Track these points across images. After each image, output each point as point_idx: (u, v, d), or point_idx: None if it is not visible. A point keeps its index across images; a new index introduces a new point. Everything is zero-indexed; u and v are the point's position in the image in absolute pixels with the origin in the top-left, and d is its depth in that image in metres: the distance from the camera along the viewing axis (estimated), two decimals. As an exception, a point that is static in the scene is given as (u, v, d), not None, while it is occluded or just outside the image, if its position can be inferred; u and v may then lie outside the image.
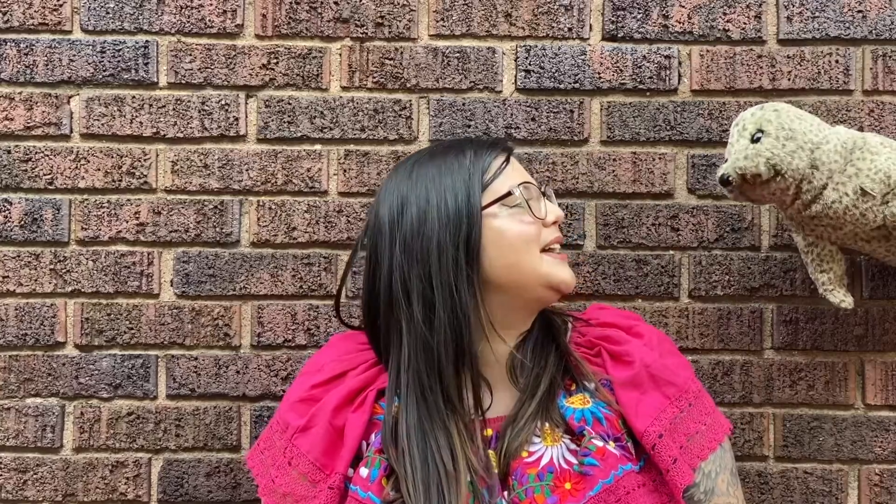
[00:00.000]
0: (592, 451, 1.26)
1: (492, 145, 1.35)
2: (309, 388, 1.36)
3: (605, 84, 1.65)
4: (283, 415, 1.37)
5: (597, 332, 1.38)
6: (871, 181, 1.40)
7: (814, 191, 1.41)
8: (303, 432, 1.32)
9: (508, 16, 1.65)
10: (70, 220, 1.65)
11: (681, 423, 1.30)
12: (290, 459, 1.32)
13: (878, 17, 1.63)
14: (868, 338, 1.62)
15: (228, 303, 1.65)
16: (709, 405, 1.36)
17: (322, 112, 1.65)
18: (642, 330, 1.37)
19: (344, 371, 1.37)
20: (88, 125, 1.65)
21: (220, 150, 1.65)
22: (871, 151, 1.41)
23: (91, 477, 1.64)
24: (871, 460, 1.62)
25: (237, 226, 1.65)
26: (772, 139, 1.38)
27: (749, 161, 1.37)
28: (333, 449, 1.31)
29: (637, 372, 1.31)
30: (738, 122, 1.44)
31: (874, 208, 1.41)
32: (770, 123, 1.39)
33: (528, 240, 1.31)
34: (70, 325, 1.65)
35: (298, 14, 1.66)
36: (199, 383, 1.64)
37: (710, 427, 1.33)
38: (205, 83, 1.66)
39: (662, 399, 1.30)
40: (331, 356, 1.40)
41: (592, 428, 1.28)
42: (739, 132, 1.41)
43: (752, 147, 1.38)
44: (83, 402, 1.64)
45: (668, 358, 1.35)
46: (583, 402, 1.32)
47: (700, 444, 1.31)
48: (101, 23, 1.66)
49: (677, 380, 1.32)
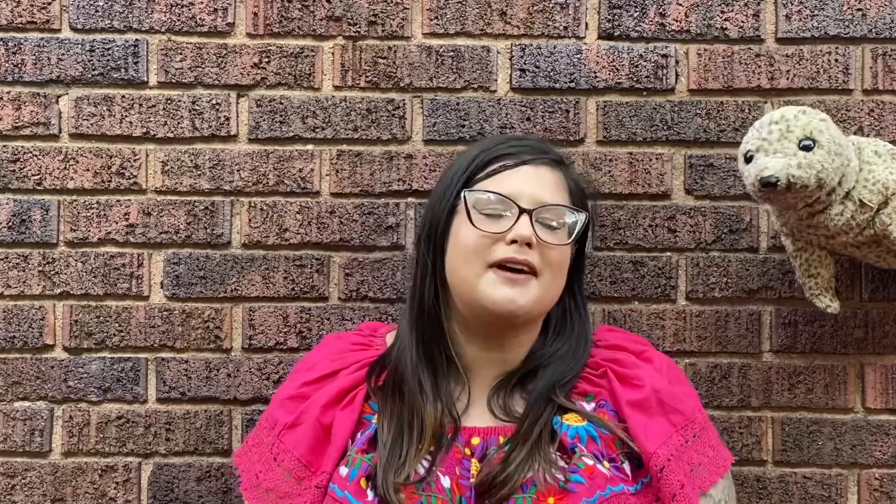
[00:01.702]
0: (581, 469, 1.25)
1: (517, 148, 1.35)
2: (299, 386, 1.37)
3: (601, 83, 1.64)
4: (272, 412, 1.38)
5: (605, 355, 1.38)
6: (869, 192, 1.39)
7: (826, 203, 1.38)
8: (290, 429, 1.33)
9: (503, 14, 1.64)
10: (59, 221, 1.64)
11: (685, 452, 1.30)
12: (276, 455, 1.33)
13: (879, 15, 1.62)
14: (868, 340, 1.61)
15: (219, 305, 1.64)
16: (713, 438, 1.37)
17: (314, 112, 1.64)
18: (652, 356, 1.37)
19: (335, 370, 1.37)
20: (77, 125, 1.64)
21: (210, 151, 1.65)
22: (867, 162, 1.41)
23: (80, 482, 1.62)
24: (871, 465, 1.61)
25: (228, 227, 1.64)
26: (824, 152, 1.33)
27: (803, 171, 1.32)
28: (320, 447, 1.31)
29: (647, 396, 1.30)
30: (776, 121, 1.35)
31: (868, 218, 1.40)
32: (822, 134, 1.34)
33: (474, 251, 1.29)
34: (59, 328, 1.63)
35: (290, 12, 1.65)
36: (190, 386, 1.63)
37: (712, 460, 1.33)
38: (195, 82, 1.65)
39: (669, 426, 1.30)
40: (323, 355, 1.41)
41: (585, 446, 1.28)
42: (782, 132, 1.34)
43: (804, 156, 1.32)
44: (72, 406, 1.63)
45: (677, 385, 1.35)
46: (578, 419, 1.31)
47: (702, 476, 1.31)
48: (89, 21, 1.65)
49: (685, 409, 1.32)
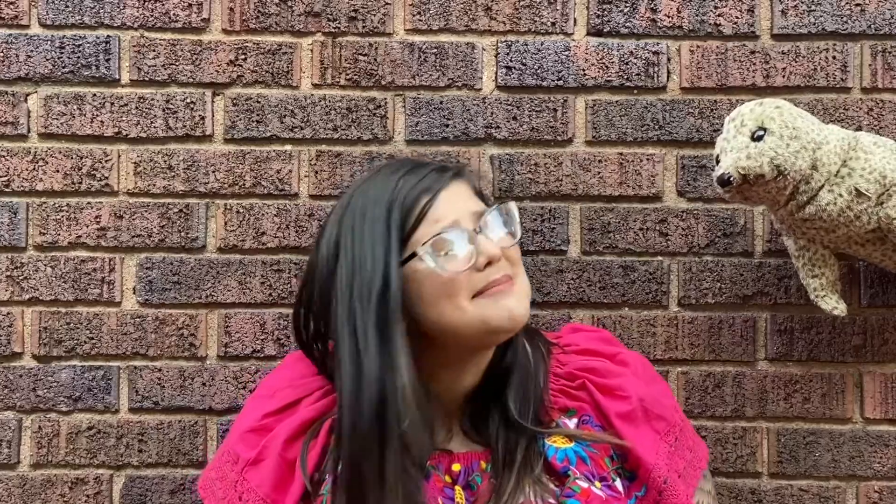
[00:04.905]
0: (577, 493, 1.23)
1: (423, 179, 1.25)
2: (261, 418, 1.33)
3: (590, 81, 1.62)
4: (233, 445, 1.34)
5: (578, 363, 1.35)
6: (866, 181, 1.39)
7: (810, 192, 1.39)
8: (254, 465, 1.30)
9: (488, 9, 1.63)
10: (27, 224, 1.62)
11: (671, 459, 1.30)
12: (241, 494, 1.30)
13: (878, 10, 1.61)
14: (867, 348, 1.60)
15: (194, 311, 1.62)
16: (690, 434, 1.37)
17: (292, 111, 1.63)
18: (626, 357, 1.36)
19: (298, 398, 1.33)
20: (47, 124, 1.63)
21: (185, 151, 1.63)
22: (864, 151, 1.41)
23: (50, 494, 1.61)
24: (870, 477, 1.59)
25: (203, 230, 1.62)
26: (775, 138, 1.34)
27: (752, 161, 1.34)
28: (284, 484, 1.28)
29: (634, 407, 1.30)
30: (734, 118, 1.40)
31: (868, 210, 1.40)
32: (773, 121, 1.36)
33: (452, 293, 1.22)
34: (27, 335, 1.62)
35: (267, 7, 1.63)
36: (164, 396, 1.62)
37: (691, 462, 1.34)
38: (169, 80, 1.63)
39: (653, 434, 1.30)
40: (284, 380, 1.37)
41: (577, 468, 1.25)
42: (737, 128, 1.38)
43: (755, 146, 1.35)
44: (41, 416, 1.61)
45: (653, 386, 1.35)
46: (564, 440, 1.29)
47: (688, 482, 1.31)
48: (59, 17, 1.63)
49: (665, 413, 1.32)
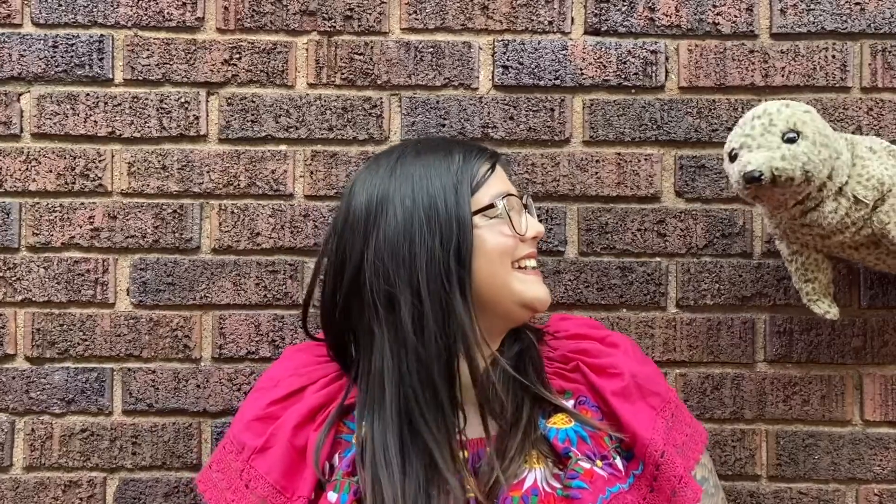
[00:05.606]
0: (580, 474, 1.23)
1: (480, 150, 1.32)
2: (266, 406, 1.31)
3: (587, 81, 1.61)
4: (237, 435, 1.32)
5: (570, 346, 1.36)
6: (864, 188, 1.38)
7: (818, 199, 1.38)
8: (261, 453, 1.29)
9: (485, 8, 1.62)
10: (20, 224, 1.61)
11: (670, 434, 1.30)
12: (248, 482, 1.28)
13: (878, 9, 1.60)
14: (866, 350, 1.60)
15: (188, 313, 1.61)
16: (686, 413, 1.37)
17: (287, 110, 1.61)
18: (616, 339, 1.37)
19: (303, 386, 1.32)
20: (40, 124, 1.62)
21: (179, 151, 1.62)
22: (860, 157, 1.40)
23: (42, 497, 1.60)
24: (870, 480, 1.59)
25: (197, 231, 1.61)
26: (809, 143, 1.33)
27: (787, 163, 1.32)
28: (295, 470, 1.27)
29: (627, 383, 1.30)
30: (759, 115, 1.36)
31: (864, 216, 1.39)
32: (807, 125, 1.34)
33: (504, 252, 1.28)
34: (20, 337, 1.61)
35: (262, 6, 1.62)
36: (157, 398, 1.60)
37: (691, 437, 1.34)
38: (163, 80, 1.62)
39: (649, 410, 1.30)
40: (287, 370, 1.36)
41: (578, 448, 1.26)
42: (765, 126, 1.34)
43: (788, 148, 1.32)
44: (34, 418, 1.60)
45: (645, 366, 1.36)
46: (564, 421, 1.29)
47: (687, 456, 1.31)
48: (52, 16, 1.62)
49: (660, 389, 1.33)
